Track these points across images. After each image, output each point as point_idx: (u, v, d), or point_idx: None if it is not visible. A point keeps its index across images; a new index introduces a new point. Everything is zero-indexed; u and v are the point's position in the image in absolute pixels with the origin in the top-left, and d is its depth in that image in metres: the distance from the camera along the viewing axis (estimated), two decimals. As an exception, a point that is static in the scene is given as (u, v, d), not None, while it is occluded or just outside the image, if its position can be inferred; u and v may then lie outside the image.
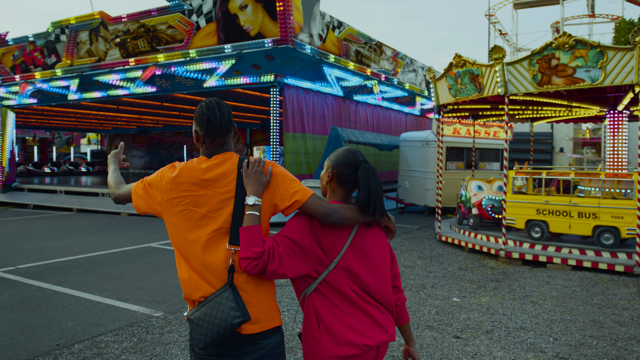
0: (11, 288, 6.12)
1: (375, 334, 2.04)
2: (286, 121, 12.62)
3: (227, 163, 2.01)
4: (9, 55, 16.15)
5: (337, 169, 2.14)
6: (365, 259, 2.09)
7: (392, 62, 16.69)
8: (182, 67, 12.51)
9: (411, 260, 8.20)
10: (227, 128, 2.05)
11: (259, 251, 1.87)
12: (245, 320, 1.86)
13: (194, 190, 1.96)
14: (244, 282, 1.92)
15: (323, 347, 2.00)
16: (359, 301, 2.04)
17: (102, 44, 13.68)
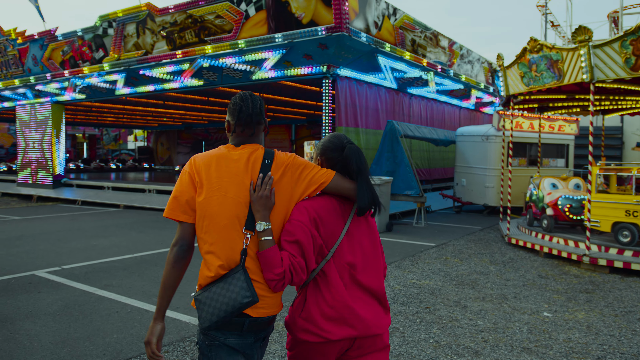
0: (55, 291, 5.68)
1: (349, 328, 2.03)
2: (339, 115, 11.95)
3: (254, 154, 2.06)
4: (58, 50, 16.07)
5: (325, 154, 2.20)
6: (360, 248, 2.13)
7: (448, 53, 15.76)
8: (230, 59, 12.00)
9: (482, 265, 7.39)
10: (257, 120, 2.10)
11: (280, 272, 1.95)
12: (255, 301, 1.91)
13: (225, 177, 2.01)
14: (256, 266, 1.98)
15: (297, 328, 2.05)
16: (344, 294, 2.05)
17: (149, 37, 13.33)
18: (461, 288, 6.11)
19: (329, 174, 2.11)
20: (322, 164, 2.21)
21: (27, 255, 7.65)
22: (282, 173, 2.06)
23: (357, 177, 2.12)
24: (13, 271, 6.64)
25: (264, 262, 1.96)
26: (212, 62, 12.30)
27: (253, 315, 1.97)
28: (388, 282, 6.24)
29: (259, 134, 2.15)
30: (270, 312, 2.03)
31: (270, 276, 1.95)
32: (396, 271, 6.89)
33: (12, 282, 6.10)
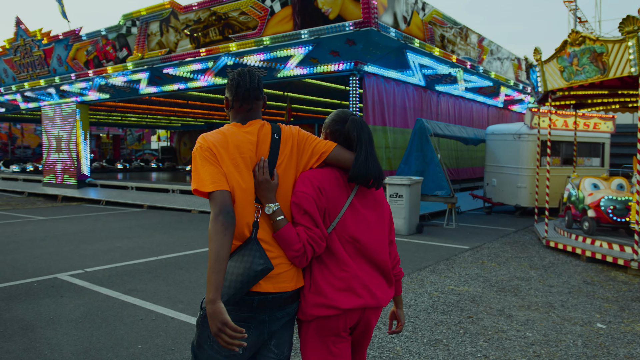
0: (78, 296, 5.47)
1: (359, 298, 2.04)
2: (366, 113, 11.61)
3: (263, 129, 2.07)
4: (82, 50, 16.04)
5: (329, 128, 2.22)
6: (364, 221, 2.12)
7: (477, 49, 15.30)
8: (254, 56, 11.75)
9: (522, 270, 6.98)
10: (255, 95, 2.09)
11: (299, 247, 1.96)
12: (269, 268, 1.89)
13: (238, 152, 1.99)
14: (269, 238, 1.99)
15: (308, 304, 2.04)
16: (351, 264, 2.06)
17: (172, 35, 13.17)
18: (503, 295, 5.73)
19: (329, 144, 2.13)
20: (326, 137, 2.23)
21: (51, 257, 7.49)
22: (290, 146, 2.09)
23: (356, 147, 2.11)
24: (36, 274, 6.46)
25: (281, 241, 1.97)
26: (236, 59, 12.07)
27: (270, 290, 1.95)
28: (425, 289, 5.90)
29: (258, 109, 2.14)
30: (286, 287, 1.99)
31: (291, 254, 1.96)
32: (432, 276, 6.53)
33: (34, 285, 5.91)
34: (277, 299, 1.98)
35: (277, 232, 1.96)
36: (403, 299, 5.39)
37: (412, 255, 7.86)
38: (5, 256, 7.59)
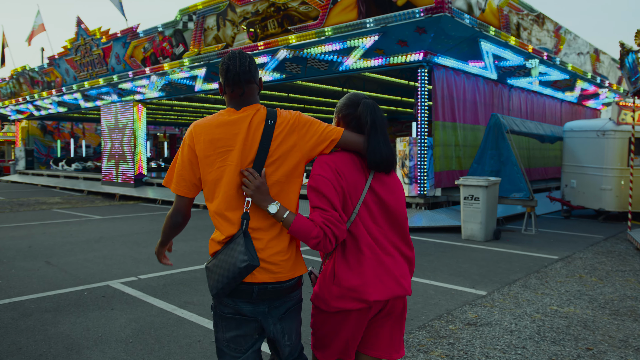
0: (129, 309, 4.93)
1: (386, 289, 2.01)
2: (435, 108, 10.73)
3: (256, 116, 2.02)
4: (139, 48, 15.87)
5: (341, 112, 2.20)
6: (386, 205, 2.08)
7: (554, 38, 14.07)
8: (315, 49, 11.09)
9: (631, 287, 5.96)
10: (245, 78, 2.03)
11: (317, 233, 1.91)
12: (253, 264, 1.88)
13: (226, 143, 1.99)
14: (264, 225, 1.98)
15: (333, 296, 2.01)
16: (378, 251, 2.03)
17: (229, 29, 12.70)
18: (620, 320, 4.78)
19: (338, 130, 2.08)
20: (338, 122, 2.20)
21: (104, 262, 7.06)
22: (288, 131, 2.02)
23: (369, 132, 2.06)
24: (88, 280, 6.01)
25: (298, 235, 1.95)
26: (296, 52, 11.44)
27: (267, 281, 1.95)
28: (523, 309, 5.02)
29: (252, 93, 2.08)
30: (283, 277, 1.98)
31: (312, 242, 1.92)
32: (526, 292, 5.64)
33: (85, 294, 5.44)
34: (277, 289, 1.98)
35: (290, 229, 1.94)
36: (498, 320, 4.55)
37: (496, 266, 6.96)
38: (59, 259, 7.22)
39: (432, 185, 10.81)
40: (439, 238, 9.27)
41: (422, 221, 10.17)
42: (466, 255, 7.72)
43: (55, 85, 21.48)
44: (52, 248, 8.03)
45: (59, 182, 22.37)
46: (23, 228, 10.26)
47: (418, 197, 10.64)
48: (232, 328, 1.98)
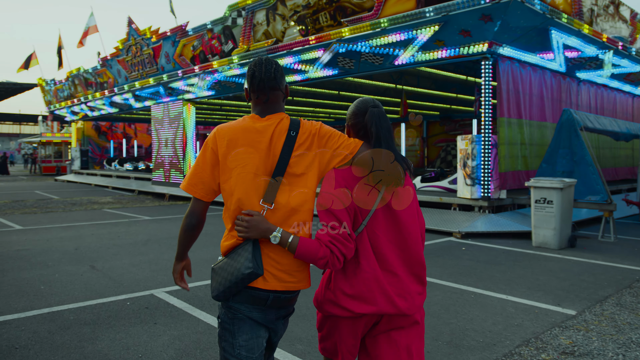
0: (174, 324, 4.47)
1: (375, 304, 1.98)
2: (500, 103, 9.92)
3: (280, 125, 2.02)
4: (189, 46, 15.67)
5: (350, 120, 2.18)
6: (397, 219, 2.04)
7: (630, 27, 12.92)
8: (370, 42, 10.47)
9: None
10: (270, 85, 2.04)
11: (323, 252, 1.91)
12: (256, 272, 1.88)
13: (248, 151, 1.98)
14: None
15: (325, 300, 2.05)
16: (376, 267, 2.00)
17: (279, 23, 12.25)
18: None
19: (354, 144, 2.07)
20: (348, 131, 2.20)
21: (149, 267, 6.68)
22: (309, 143, 2.02)
23: (374, 145, 2.03)
24: (131, 288, 5.62)
25: (305, 259, 1.94)
26: (350, 46, 10.86)
27: (277, 289, 1.95)
28: (627, 335, 4.25)
29: (277, 100, 2.09)
30: (295, 286, 2.00)
31: (320, 263, 1.92)
32: (624, 313, 4.85)
33: (127, 304, 5.04)
34: (287, 299, 2.01)
35: (295, 254, 1.93)
36: (600, 349, 3.82)
37: (579, 279, 6.16)
38: (104, 263, 6.91)
39: (496, 187, 9.99)
40: (507, 245, 8.48)
41: (486, 226, 9.39)
42: (542, 266, 6.93)
43: (107, 86, 21.70)
44: (98, 251, 7.76)
45: (112, 181, 22.62)
46: (73, 229, 10.11)
47: (481, 199, 9.86)
48: (247, 331, 1.97)
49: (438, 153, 28.57)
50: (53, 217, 11.99)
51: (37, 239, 8.78)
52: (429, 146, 28.96)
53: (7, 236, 9.15)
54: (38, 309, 4.86)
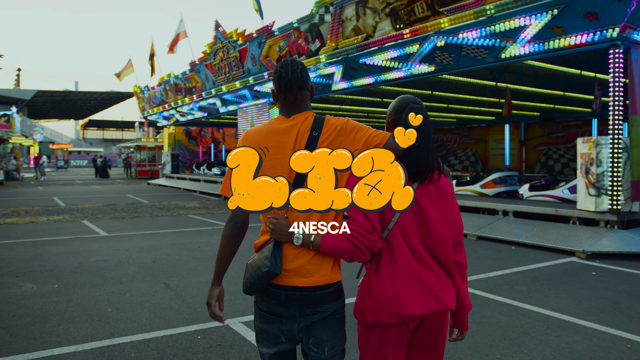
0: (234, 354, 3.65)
1: (422, 303, 1.97)
2: (633, 99, 8.37)
3: (303, 125, 2.04)
4: (275, 47, 15.13)
5: (390, 117, 2.19)
6: (426, 216, 2.03)
7: None
8: (472, 32, 9.26)
9: None
10: (297, 85, 2.07)
11: (346, 246, 1.93)
12: (273, 271, 1.93)
13: (274, 152, 2.01)
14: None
15: (368, 309, 2.01)
16: (413, 263, 2.00)
17: (370, 18, 11.31)
18: None
19: (383, 135, 2.05)
20: (388, 128, 2.21)
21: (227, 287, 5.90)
22: (333, 138, 2.02)
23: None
24: (205, 316, 4.89)
25: (330, 254, 1.96)
26: (449, 39, 9.70)
27: (292, 285, 1.97)
28: None
29: (304, 99, 2.12)
30: (312, 282, 1.97)
31: (345, 256, 1.95)
32: None
33: (197, 339, 4.29)
34: (304, 297, 1.97)
35: (320, 251, 1.95)
36: None
37: None
38: (179, 280, 6.29)
39: (627, 198, 8.43)
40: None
41: (617, 245, 7.89)
42: None
43: (196, 90, 21.81)
44: (175, 264, 7.20)
45: (200, 186, 22.72)
46: (155, 237, 9.75)
47: (609, 212, 8.34)
48: (264, 322, 2.04)
49: (538, 157, 26.34)
50: (139, 223, 11.79)
51: (118, 249, 8.42)
52: (528, 150, 26.79)
53: (90, 244, 8.90)
54: (99, 339, 4.24)
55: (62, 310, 5.04)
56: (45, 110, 72.12)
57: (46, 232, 10.27)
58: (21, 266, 7.02)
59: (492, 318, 4.85)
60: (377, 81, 12.65)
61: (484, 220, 10.32)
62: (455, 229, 2.14)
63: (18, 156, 33.80)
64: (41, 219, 12.52)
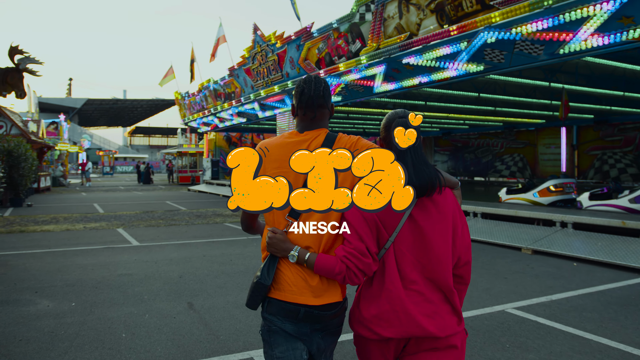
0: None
1: (400, 327, 1.93)
2: None
3: (314, 142, 2.07)
4: (314, 49, 14.59)
5: (381, 134, 2.16)
6: (423, 236, 1.98)
7: None
8: (529, 26, 8.44)
9: None
10: (318, 103, 2.10)
11: (339, 269, 1.92)
12: (262, 283, 1.99)
13: (283, 167, 2.00)
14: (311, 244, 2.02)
15: (355, 319, 2.05)
16: (399, 286, 1.95)
17: (413, 15, 10.61)
18: None
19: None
20: (381, 145, 2.17)
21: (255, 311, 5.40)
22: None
23: (397, 157, 1.86)
24: (227, 346, 4.33)
25: (324, 274, 1.97)
26: (501, 34, 8.90)
27: (307, 303, 1.98)
28: None
29: (323, 118, 2.15)
30: (324, 301, 2.00)
31: (338, 278, 1.95)
32: None
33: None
34: (322, 315, 2.00)
35: (314, 270, 1.96)
36: None
37: None
38: (204, 300, 5.76)
39: None
40: None
41: None
42: None
43: (234, 96, 21.53)
44: (203, 280, 6.68)
45: (239, 192, 22.40)
46: (186, 247, 9.31)
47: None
48: (282, 343, 2.01)
49: (591, 162, 24.91)
50: (173, 232, 11.43)
51: (146, 261, 8.00)
52: (580, 154, 25.36)
53: (119, 255, 8.52)
54: (105, 374, 3.72)
55: (73, 334, 4.57)
56: (95, 117, 74.20)
57: (79, 241, 10.00)
58: (43, 280, 6.66)
59: (564, 356, 4.08)
60: (421, 83, 11.89)
61: (539, 232, 9.42)
62: (463, 247, 2.05)
63: (66, 163, 34.51)
64: (78, 227, 12.35)
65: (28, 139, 22.61)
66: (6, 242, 9.88)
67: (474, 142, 31.59)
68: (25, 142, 19.31)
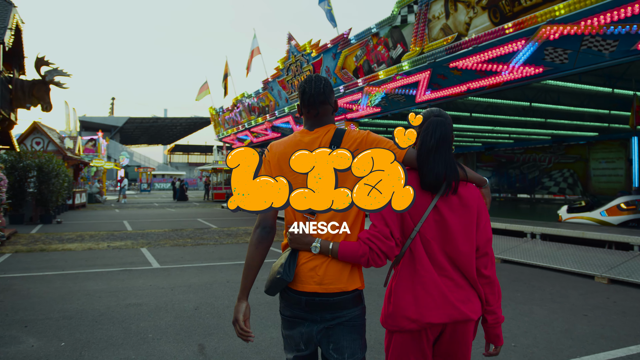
0: None
1: (440, 311, 1.94)
2: None
3: (324, 138, 2.13)
4: (351, 57, 13.66)
5: (418, 129, 2.16)
6: (447, 226, 2.01)
7: None
8: (602, 17, 7.28)
9: None
10: (320, 100, 2.17)
11: (362, 252, 1.95)
12: (283, 279, 2.00)
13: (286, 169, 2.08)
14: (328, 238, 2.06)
15: (389, 314, 2.03)
16: (433, 273, 1.98)
17: (462, 14, 9.55)
18: None
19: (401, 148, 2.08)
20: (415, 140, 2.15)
21: (280, 357, 4.39)
22: (353, 149, 1.99)
23: (424, 152, 2.04)
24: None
25: (349, 260, 1.99)
26: (566, 30, 7.75)
27: (315, 291, 2.00)
28: None
29: (326, 114, 2.21)
30: (331, 289, 2.00)
31: (362, 261, 1.97)
32: None
33: None
34: (324, 303, 2.01)
35: (339, 258, 1.98)
36: None
37: None
38: (219, 341, 4.77)
39: None
40: None
41: None
42: None
43: (268, 109, 20.80)
44: (221, 314, 5.71)
45: (273, 209, 21.57)
46: (209, 271, 8.40)
47: None
48: (288, 327, 2.11)
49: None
50: (199, 253, 10.56)
51: (162, 287, 7.11)
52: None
53: (135, 279, 7.68)
54: None
55: (49, 388, 3.66)
56: (136, 136, 75.31)
57: (96, 263, 9.23)
58: (40, 310, 5.82)
59: None
60: (470, 90, 10.76)
61: (614, 257, 8.10)
62: (482, 240, 2.08)
63: (103, 179, 34.50)
64: (102, 245, 11.66)
65: (64, 156, 22.43)
66: (21, 263, 9.20)
67: (519, 157, 29.93)
68: (56, 158, 18.99)
